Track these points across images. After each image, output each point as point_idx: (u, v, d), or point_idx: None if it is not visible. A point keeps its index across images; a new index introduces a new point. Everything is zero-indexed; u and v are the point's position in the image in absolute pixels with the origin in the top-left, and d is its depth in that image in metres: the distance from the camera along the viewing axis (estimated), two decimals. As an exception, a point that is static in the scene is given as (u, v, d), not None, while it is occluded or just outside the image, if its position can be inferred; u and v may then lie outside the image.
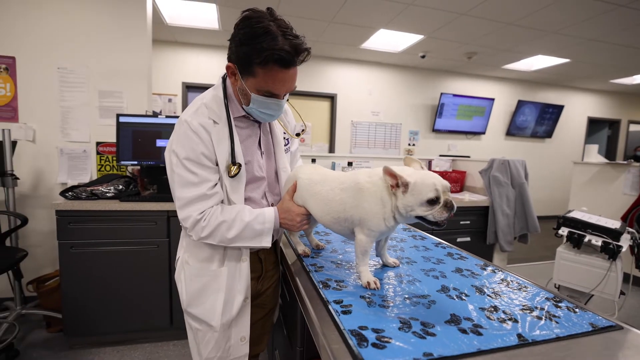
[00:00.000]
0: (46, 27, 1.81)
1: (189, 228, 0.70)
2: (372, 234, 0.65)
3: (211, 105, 0.73)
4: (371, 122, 4.29)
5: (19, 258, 1.49)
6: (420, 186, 0.58)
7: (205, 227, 0.69)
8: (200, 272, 0.76)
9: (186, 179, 0.69)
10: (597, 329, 0.54)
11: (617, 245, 1.41)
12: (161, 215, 1.52)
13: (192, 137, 0.69)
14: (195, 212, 0.69)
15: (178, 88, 3.65)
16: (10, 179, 1.64)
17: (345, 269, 0.76)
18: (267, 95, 0.69)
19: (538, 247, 3.52)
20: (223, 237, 0.70)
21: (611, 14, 2.57)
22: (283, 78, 0.66)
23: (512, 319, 0.56)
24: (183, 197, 0.69)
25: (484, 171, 2.21)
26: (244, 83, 0.68)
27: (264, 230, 0.72)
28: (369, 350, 0.45)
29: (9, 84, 1.79)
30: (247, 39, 0.63)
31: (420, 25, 2.94)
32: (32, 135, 1.82)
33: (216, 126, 0.71)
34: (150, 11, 2.05)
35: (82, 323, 1.51)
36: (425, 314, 0.56)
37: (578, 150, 5.45)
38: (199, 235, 0.70)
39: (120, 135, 1.58)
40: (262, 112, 0.72)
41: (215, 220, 0.69)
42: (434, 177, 0.59)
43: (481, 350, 0.46)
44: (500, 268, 0.81)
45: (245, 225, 0.71)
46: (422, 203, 0.58)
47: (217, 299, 0.75)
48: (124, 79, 1.92)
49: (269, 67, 0.64)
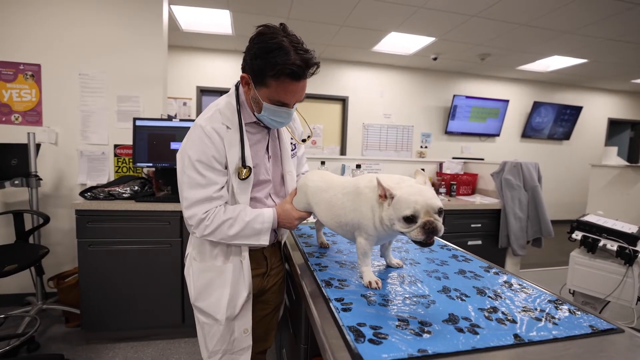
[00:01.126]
0: (69, 35, 1.91)
1: (193, 226, 0.75)
2: (370, 237, 0.66)
3: (225, 112, 0.77)
4: (383, 124, 4.28)
5: (41, 255, 1.55)
6: (401, 202, 0.56)
7: (208, 225, 0.74)
8: (207, 268, 0.80)
9: (195, 180, 0.73)
10: (597, 331, 0.53)
11: (634, 250, 1.36)
12: (174, 216, 1.57)
13: (205, 141, 0.73)
14: (200, 212, 0.73)
15: (193, 92, 3.76)
16: (34, 179, 1.72)
17: (348, 269, 0.77)
18: (279, 104, 0.73)
19: (554, 251, 3.39)
20: (224, 234, 0.74)
21: (630, 12, 2.48)
22: (294, 89, 0.71)
23: (510, 320, 0.56)
24: (190, 197, 0.73)
25: (496, 174, 2.17)
26: (257, 93, 0.73)
27: (262, 230, 0.77)
28: (365, 346, 0.46)
29: (35, 89, 1.89)
30: (262, 53, 0.68)
31: (432, 27, 2.92)
32: (54, 138, 1.92)
33: (229, 131, 0.76)
34: (167, 18, 2.14)
35: (99, 319, 1.57)
36: (424, 313, 0.57)
37: (598, 152, 5.22)
38: (202, 233, 0.74)
39: (136, 138, 1.64)
40: (273, 120, 0.77)
41: (218, 219, 0.74)
42: (420, 195, 0.55)
43: (476, 348, 0.47)
44: (504, 271, 0.80)
45: (246, 224, 0.75)
46: (399, 219, 0.56)
47: (222, 293, 0.79)
48: (141, 84, 2.00)
49: (281, 80, 0.69)
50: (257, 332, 0.85)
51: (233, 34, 3.25)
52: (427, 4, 2.48)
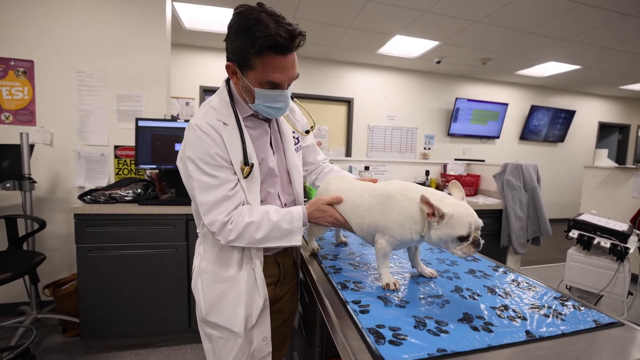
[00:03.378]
0: (65, 31, 1.81)
1: (216, 232, 0.69)
2: (393, 241, 0.67)
3: (219, 108, 0.72)
4: (387, 126, 4.32)
5: (37, 262, 1.49)
6: (456, 221, 0.58)
7: (232, 229, 0.68)
8: (218, 279, 0.75)
9: (205, 182, 0.68)
10: (600, 325, 0.56)
11: (625, 247, 1.42)
12: (180, 219, 1.54)
13: (204, 138, 0.68)
14: (220, 215, 0.68)
15: (196, 91, 3.70)
16: (28, 182, 1.64)
17: (362, 271, 0.78)
18: (270, 86, 0.68)
19: (550, 249, 3.47)
20: (252, 238, 0.69)
21: (620, 22, 2.57)
22: (281, 65, 0.65)
23: (521, 317, 0.58)
24: (206, 201, 0.68)
25: (498, 175, 2.22)
26: (245, 79, 0.68)
27: (292, 230, 0.72)
28: (386, 347, 0.47)
29: (27, 87, 1.81)
30: (241, 32, 0.63)
31: (436, 31, 2.97)
32: (49, 139, 1.85)
33: (226, 127, 0.71)
34: (170, 16, 2.09)
35: (100, 327, 1.52)
36: (439, 312, 0.58)
37: (589, 154, 5.38)
38: (227, 239, 0.69)
39: (139, 139, 1.61)
40: (269, 107, 0.71)
41: (242, 222, 0.68)
42: (471, 215, 0.58)
43: (491, 346, 0.48)
44: (511, 269, 0.82)
45: (274, 224, 0.70)
46: (454, 238, 0.58)
47: (238, 304, 0.74)
48: (143, 83, 1.95)
49: (265, 55, 0.63)
50: (272, 342, 0.81)
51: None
52: (433, 9, 2.52)
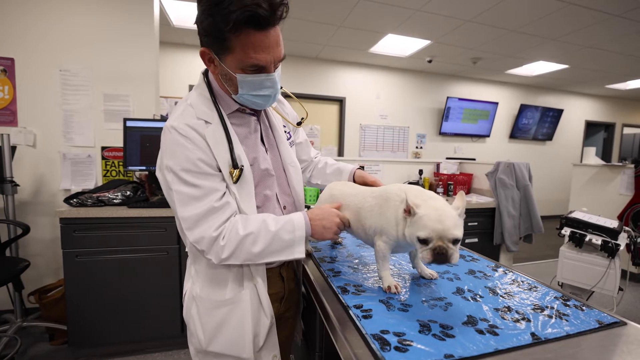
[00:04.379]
0: (48, 27, 1.76)
1: (205, 250, 0.59)
2: (389, 241, 0.66)
3: (198, 105, 0.64)
4: (379, 125, 4.33)
5: (21, 268, 1.44)
6: (419, 222, 0.56)
7: (225, 245, 0.59)
8: (217, 305, 0.65)
9: (187, 194, 0.58)
10: (603, 325, 0.56)
11: (616, 243, 1.45)
12: (171, 222, 1.51)
13: (183, 142, 0.59)
14: (208, 230, 0.58)
15: (185, 90, 3.65)
16: (10, 185, 1.59)
17: (362, 273, 0.76)
18: (254, 70, 0.59)
19: (542, 245, 3.55)
20: (249, 253, 0.60)
21: (606, 22, 2.64)
22: (263, 42, 0.56)
23: (525, 319, 0.57)
24: (188, 216, 0.59)
25: (490, 174, 2.25)
26: (224, 65, 0.59)
27: (294, 240, 0.62)
28: (392, 354, 0.45)
29: (7, 86, 1.74)
30: (211, 8, 0.54)
31: (428, 30, 2.99)
32: (32, 140, 1.79)
33: (209, 126, 0.62)
34: (158, 13, 2.04)
35: (88, 334, 1.48)
36: (443, 316, 0.57)
37: (577, 152, 5.53)
38: (219, 257, 0.59)
39: (127, 140, 1.57)
40: (256, 96, 0.62)
41: (236, 236, 0.59)
42: (439, 222, 0.54)
43: (498, 350, 0.47)
44: (510, 269, 0.82)
45: (273, 235, 0.61)
46: (414, 238, 0.57)
47: (244, 326, 0.65)
48: (131, 82, 1.90)
49: (244, 32, 0.55)
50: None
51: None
52: (424, 8, 2.53)
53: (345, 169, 0.89)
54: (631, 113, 5.94)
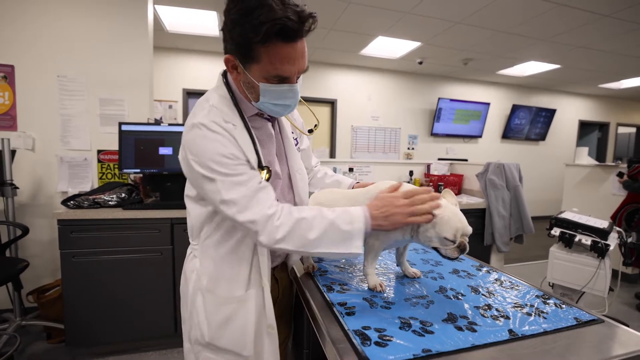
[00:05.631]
0: (46, 35, 1.81)
1: (259, 230, 0.57)
2: (386, 240, 0.68)
3: (221, 107, 0.63)
4: (371, 126, 4.36)
5: (20, 268, 1.47)
6: (444, 225, 0.60)
7: (280, 226, 0.57)
8: (225, 301, 0.66)
9: (230, 181, 0.57)
10: (581, 322, 0.58)
11: (605, 243, 1.47)
12: (165, 223, 1.53)
13: (217, 138, 0.58)
14: (262, 208, 0.57)
15: (179, 94, 3.68)
16: (10, 188, 1.63)
17: (348, 273, 0.79)
18: (278, 81, 0.59)
19: (533, 246, 3.58)
20: (303, 238, 0.57)
21: (596, 23, 2.68)
22: (290, 54, 0.57)
23: (504, 316, 0.59)
24: (238, 198, 0.57)
25: (481, 174, 2.27)
26: (248, 74, 0.59)
27: (353, 232, 0.58)
28: (372, 349, 0.48)
29: (8, 92, 1.79)
30: (241, 17, 0.54)
31: (418, 32, 3.02)
32: (31, 144, 1.82)
33: (236, 129, 0.61)
34: (151, 18, 2.08)
35: (85, 333, 1.50)
36: (424, 313, 0.59)
37: (570, 152, 5.57)
38: (273, 237, 0.57)
39: (122, 143, 1.59)
40: (276, 105, 0.63)
41: (291, 217, 0.58)
42: (460, 222, 0.60)
43: (475, 345, 0.50)
44: (495, 268, 0.84)
45: (330, 223, 0.58)
46: (440, 238, 0.61)
47: (247, 323, 0.65)
48: (125, 86, 1.93)
49: (272, 44, 0.55)
50: None
51: (220, 36, 3.20)
52: (414, 10, 2.56)
53: (345, 182, 0.89)
54: (626, 112, 5.99)
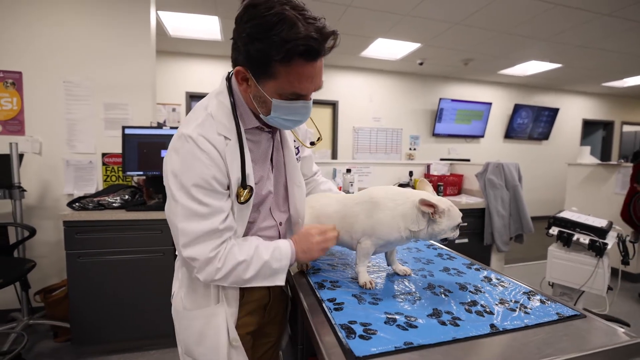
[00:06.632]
0: (52, 42, 1.86)
1: (197, 268, 0.58)
2: (379, 242, 0.71)
3: (219, 117, 0.60)
4: (372, 127, 4.37)
5: (27, 269, 1.51)
6: (454, 213, 0.68)
7: (220, 268, 0.58)
8: (196, 315, 0.66)
9: (193, 210, 0.56)
10: (563, 317, 0.59)
11: (603, 242, 1.47)
12: (166, 224, 1.55)
13: (202, 158, 0.56)
14: (205, 250, 0.57)
15: (182, 98, 3.74)
16: (18, 191, 1.67)
17: (340, 271, 0.80)
18: (293, 98, 0.57)
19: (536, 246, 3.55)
20: (238, 278, 0.60)
21: (596, 22, 2.67)
22: (311, 73, 0.55)
23: (488, 312, 0.60)
24: (189, 231, 0.57)
25: (480, 174, 2.27)
26: (261, 88, 0.56)
27: (280, 269, 0.63)
28: (356, 341, 0.50)
29: (16, 98, 1.84)
30: (260, 33, 0.50)
31: (417, 34, 3.04)
32: (38, 148, 1.87)
33: (228, 143, 0.59)
34: (154, 24, 2.12)
35: (90, 332, 1.54)
36: (410, 309, 0.61)
37: (574, 151, 5.50)
38: (211, 277, 0.58)
39: (125, 146, 1.63)
40: (287, 120, 0.61)
41: (232, 261, 0.59)
42: (458, 208, 0.70)
43: (456, 338, 0.51)
44: (485, 267, 0.86)
45: (263, 264, 0.61)
46: (453, 227, 0.68)
47: (219, 338, 0.64)
48: (129, 91, 1.98)
49: (294, 63, 0.52)
50: None
51: (222, 40, 3.26)
52: (413, 12, 2.58)
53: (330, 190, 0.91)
54: (630, 111, 5.92)
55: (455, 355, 0.48)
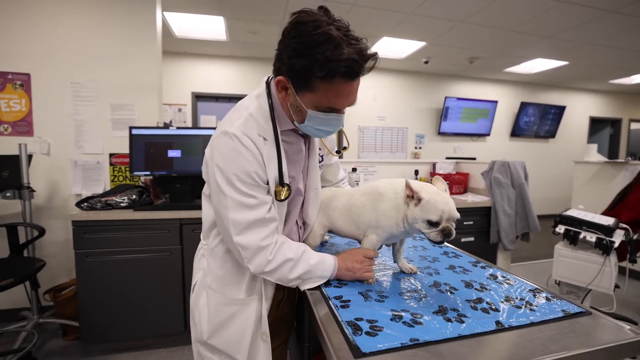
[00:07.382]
0: (59, 44, 1.88)
1: (247, 257, 0.61)
2: (382, 234, 0.71)
3: (258, 118, 0.64)
4: (378, 126, 4.37)
5: (37, 268, 1.53)
6: (429, 206, 0.62)
7: (271, 261, 0.62)
8: (228, 301, 0.68)
9: (240, 201, 0.60)
10: (568, 314, 0.59)
11: (610, 240, 1.45)
12: (174, 223, 1.58)
13: (244, 153, 0.60)
14: (257, 238, 0.61)
15: (188, 98, 3.77)
16: (27, 191, 1.70)
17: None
18: (327, 110, 0.61)
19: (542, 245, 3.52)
20: (284, 275, 0.64)
21: (602, 19, 2.63)
22: (348, 91, 0.59)
23: (494, 309, 0.60)
24: (240, 220, 0.60)
25: (486, 173, 2.26)
26: (299, 99, 0.60)
27: (320, 277, 0.68)
28: (362, 338, 0.50)
29: (25, 99, 1.87)
30: (305, 49, 0.54)
31: (422, 32, 3.03)
32: (47, 149, 1.90)
33: (266, 144, 0.63)
34: (160, 25, 2.14)
35: (98, 330, 1.56)
36: (416, 306, 0.61)
37: (581, 149, 5.43)
38: (261, 269, 0.62)
39: (133, 147, 1.65)
40: (319, 130, 0.65)
41: (282, 257, 0.63)
42: (446, 205, 0.61)
43: (461, 335, 0.52)
44: (491, 265, 0.85)
45: (310, 268, 0.65)
46: (424, 220, 0.63)
47: (245, 328, 0.67)
48: (135, 92, 2.00)
49: (334, 81, 0.56)
50: None
51: (227, 40, 3.28)
52: (417, 11, 2.57)
53: None
54: (638, 108, 5.82)
55: (460, 352, 0.48)
